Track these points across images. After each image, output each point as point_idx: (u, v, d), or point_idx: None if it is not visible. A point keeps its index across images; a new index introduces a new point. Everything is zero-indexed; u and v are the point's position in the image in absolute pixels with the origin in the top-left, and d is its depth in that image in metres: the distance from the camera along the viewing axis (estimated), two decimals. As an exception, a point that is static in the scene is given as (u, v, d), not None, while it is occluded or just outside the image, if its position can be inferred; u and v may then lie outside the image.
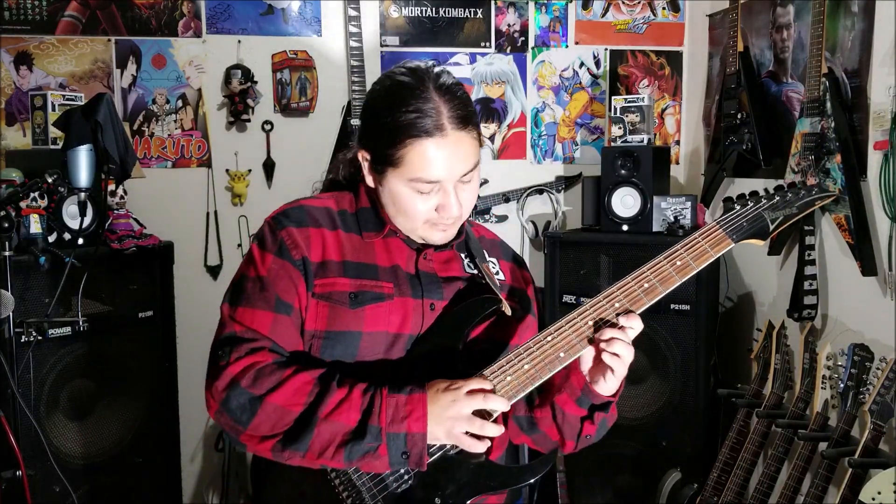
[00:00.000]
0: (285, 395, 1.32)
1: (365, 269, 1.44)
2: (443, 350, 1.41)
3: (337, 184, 1.60)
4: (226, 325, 1.41)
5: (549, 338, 1.38)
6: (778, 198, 1.48)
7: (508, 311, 1.46)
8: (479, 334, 1.48)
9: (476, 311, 1.44)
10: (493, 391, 1.34)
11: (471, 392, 1.33)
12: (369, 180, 1.47)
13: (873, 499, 2.11)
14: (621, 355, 1.36)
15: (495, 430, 1.33)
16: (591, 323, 1.38)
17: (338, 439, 1.31)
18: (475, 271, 1.52)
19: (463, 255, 1.53)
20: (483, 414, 1.34)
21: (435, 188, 1.39)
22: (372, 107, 1.44)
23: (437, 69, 1.43)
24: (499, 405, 1.34)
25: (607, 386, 1.41)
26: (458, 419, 1.31)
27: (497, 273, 1.56)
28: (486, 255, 1.57)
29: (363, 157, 1.46)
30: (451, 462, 1.37)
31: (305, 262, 1.42)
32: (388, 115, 1.37)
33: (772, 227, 1.46)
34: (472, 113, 1.41)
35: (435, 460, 1.36)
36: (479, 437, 1.33)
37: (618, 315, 1.37)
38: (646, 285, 1.40)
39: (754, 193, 1.49)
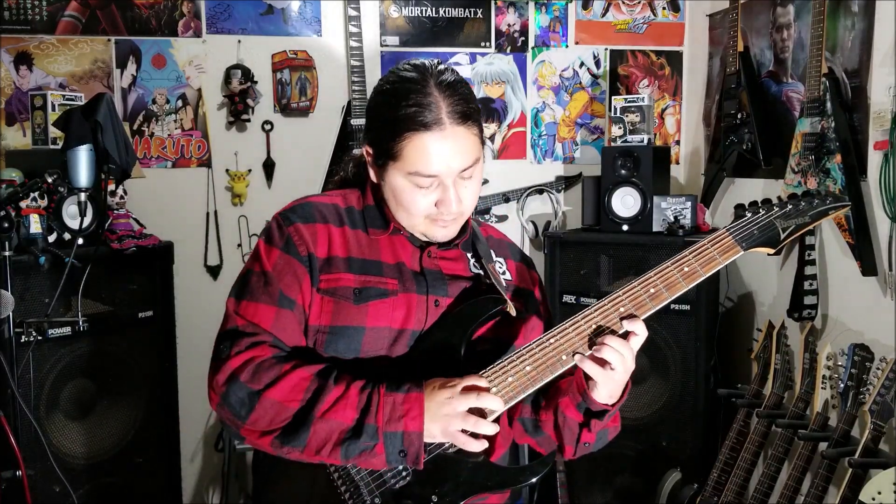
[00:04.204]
0: (283, 390, 1.33)
1: (370, 265, 1.45)
2: (446, 348, 1.42)
3: (346, 182, 1.61)
4: (229, 318, 1.42)
5: (552, 340, 1.37)
6: (791, 206, 1.46)
7: (513, 312, 1.45)
8: (483, 334, 1.47)
9: (481, 310, 1.44)
10: (487, 389, 1.34)
11: (466, 389, 1.32)
12: (372, 175, 1.48)
13: (873, 499, 2.11)
14: (611, 362, 1.34)
15: (491, 429, 1.33)
16: (594, 327, 1.37)
17: (334, 437, 1.32)
18: (480, 271, 1.52)
19: (469, 255, 1.53)
20: (480, 412, 1.33)
21: (434, 183, 1.39)
22: (375, 102, 1.45)
23: (441, 66, 1.43)
24: (493, 404, 1.33)
25: (599, 393, 1.39)
26: (453, 417, 1.31)
27: (504, 273, 1.56)
28: (493, 255, 1.57)
29: (367, 153, 1.47)
30: (449, 460, 1.37)
31: (311, 259, 1.43)
32: (388, 110, 1.39)
33: (783, 236, 1.44)
34: (474, 110, 1.41)
35: (433, 458, 1.36)
36: (475, 436, 1.33)
37: (621, 319, 1.36)
38: (652, 290, 1.39)
39: (767, 201, 1.47)
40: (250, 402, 1.34)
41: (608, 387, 1.38)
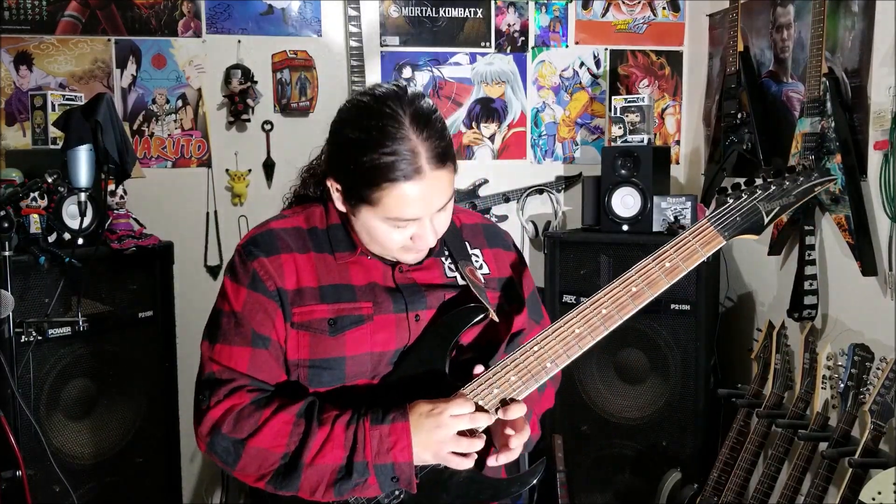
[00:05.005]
0: (267, 437, 1.33)
1: (342, 290, 1.41)
2: (431, 363, 1.40)
3: (306, 196, 1.55)
4: (205, 364, 1.41)
5: (535, 348, 1.36)
6: (774, 187, 1.40)
7: (496, 318, 1.44)
8: (467, 340, 1.46)
9: (462, 321, 1.42)
10: (474, 411, 1.34)
11: (453, 416, 1.32)
12: (340, 206, 1.42)
13: (873, 499, 2.11)
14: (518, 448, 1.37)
15: (480, 444, 1.34)
16: (576, 331, 1.35)
17: (326, 479, 1.32)
18: (457, 274, 1.48)
19: (443, 259, 1.49)
20: (469, 430, 1.34)
21: (412, 222, 1.36)
22: (344, 141, 1.37)
23: (410, 93, 1.35)
24: (481, 421, 1.34)
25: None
26: (444, 442, 1.32)
27: (481, 267, 1.52)
28: (469, 247, 1.53)
29: (334, 187, 1.40)
30: (441, 476, 1.38)
31: (281, 293, 1.39)
32: (362, 155, 1.31)
33: (767, 220, 1.39)
34: (449, 145, 1.35)
35: (426, 475, 1.37)
36: (465, 454, 1.33)
37: (502, 405, 1.35)
38: (633, 289, 1.36)
39: (750, 182, 1.42)
40: (235, 451, 1.34)
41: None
